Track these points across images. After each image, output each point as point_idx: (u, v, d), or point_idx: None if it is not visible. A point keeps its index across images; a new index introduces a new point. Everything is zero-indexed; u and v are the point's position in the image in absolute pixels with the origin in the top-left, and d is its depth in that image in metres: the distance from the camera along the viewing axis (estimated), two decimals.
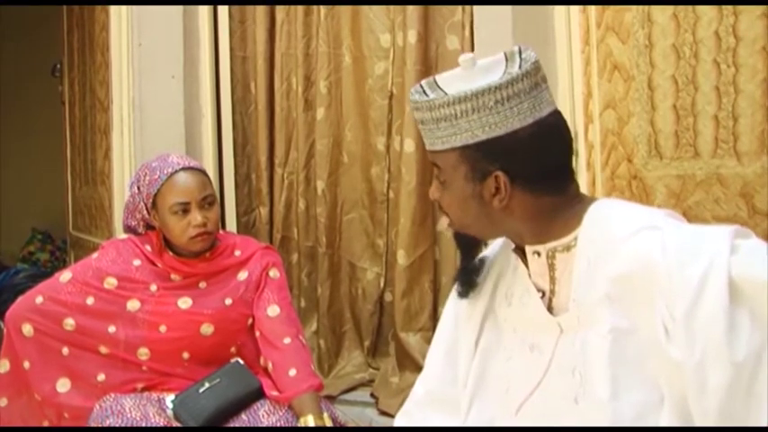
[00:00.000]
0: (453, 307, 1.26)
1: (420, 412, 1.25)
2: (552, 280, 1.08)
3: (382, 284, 2.62)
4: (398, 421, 1.28)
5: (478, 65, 1.06)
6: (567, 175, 1.08)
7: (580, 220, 1.04)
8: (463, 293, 1.17)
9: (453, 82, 1.06)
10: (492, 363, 1.14)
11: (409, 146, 2.49)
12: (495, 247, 1.20)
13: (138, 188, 1.79)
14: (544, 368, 1.05)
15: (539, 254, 1.09)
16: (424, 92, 1.07)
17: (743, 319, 0.85)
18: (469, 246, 1.16)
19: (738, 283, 0.86)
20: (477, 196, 1.05)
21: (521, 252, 1.12)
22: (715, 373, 0.84)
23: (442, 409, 1.22)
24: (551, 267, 1.08)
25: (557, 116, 1.06)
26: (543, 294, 1.10)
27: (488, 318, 1.17)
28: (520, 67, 1.03)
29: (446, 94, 1.03)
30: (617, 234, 0.99)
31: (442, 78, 1.08)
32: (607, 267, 0.97)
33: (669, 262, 0.90)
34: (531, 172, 1.04)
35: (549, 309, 1.08)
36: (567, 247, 1.06)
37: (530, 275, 1.11)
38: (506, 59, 1.05)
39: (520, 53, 1.05)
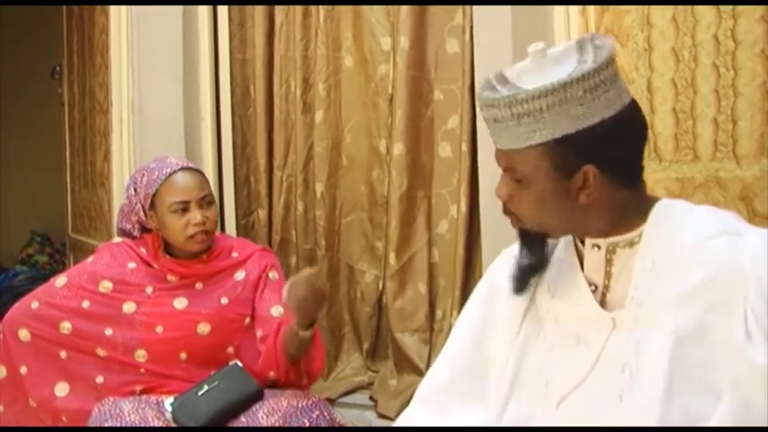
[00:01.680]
0: (485, 294, 1.23)
1: (438, 401, 1.20)
2: (607, 275, 1.06)
3: (381, 287, 2.62)
4: (414, 409, 1.23)
5: (549, 55, 1.02)
6: (642, 166, 1.06)
7: (645, 218, 1.03)
8: (519, 290, 1.12)
9: (525, 75, 1.02)
10: (530, 354, 1.12)
11: (398, 149, 2.49)
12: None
13: (135, 190, 1.80)
14: (591, 363, 1.03)
15: (598, 247, 1.07)
16: (495, 88, 1.02)
17: None
18: (535, 244, 1.11)
19: None
20: (561, 193, 1.02)
21: (577, 244, 1.10)
22: None
23: (461, 398, 1.18)
24: (609, 262, 1.06)
25: (635, 103, 1.04)
26: (595, 289, 1.08)
27: (530, 308, 1.14)
28: (595, 54, 0.99)
29: (521, 88, 0.99)
30: (691, 236, 0.98)
31: (511, 72, 1.03)
32: (680, 270, 0.96)
33: (760, 264, 0.90)
34: (618, 163, 1.02)
35: (602, 304, 1.06)
36: (630, 244, 1.04)
37: (582, 269, 1.10)
38: (578, 48, 1.02)
39: (592, 39, 1.02)
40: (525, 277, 1.12)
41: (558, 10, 1.96)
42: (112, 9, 2.61)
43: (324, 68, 2.64)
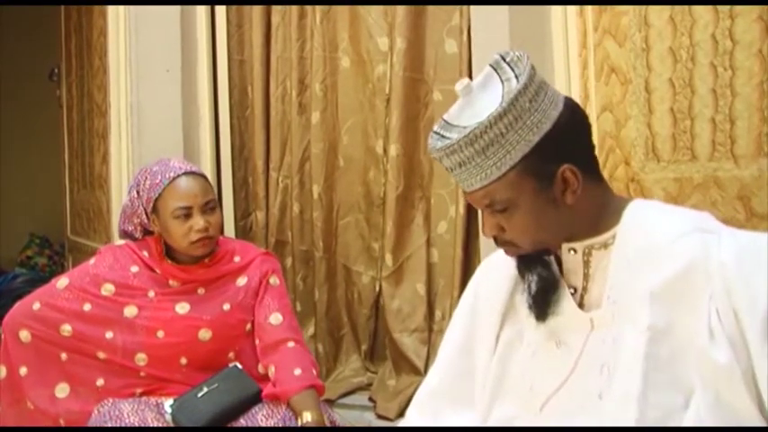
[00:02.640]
0: (470, 302, 1.25)
1: (433, 404, 1.23)
2: (585, 277, 1.08)
3: (378, 288, 2.62)
4: (410, 412, 1.26)
5: (474, 86, 1.05)
6: (596, 158, 1.10)
7: (618, 218, 1.05)
8: (543, 315, 1.10)
9: (463, 114, 1.04)
10: (513, 359, 1.13)
11: (395, 150, 2.49)
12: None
13: (138, 192, 1.79)
14: (572, 365, 1.05)
15: (575, 251, 1.09)
16: (445, 137, 1.04)
17: None
18: (538, 264, 1.11)
19: None
20: (550, 202, 1.04)
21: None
22: None
23: (454, 402, 1.20)
24: (586, 264, 1.08)
25: (569, 98, 1.07)
26: (575, 291, 1.09)
27: (509, 314, 1.15)
28: (514, 68, 1.03)
29: (470, 124, 1.01)
30: (663, 234, 0.99)
31: (450, 117, 1.06)
32: (652, 266, 0.97)
33: (727, 267, 0.91)
34: (584, 155, 1.05)
35: (580, 305, 1.08)
36: (605, 245, 1.06)
37: (561, 273, 1.11)
38: (495, 71, 1.05)
39: (503, 58, 1.05)
40: (546, 299, 1.10)
41: (556, 10, 1.96)
42: (110, 11, 2.62)
43: (320, 69, 2.64)
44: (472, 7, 2.28)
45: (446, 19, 2.45)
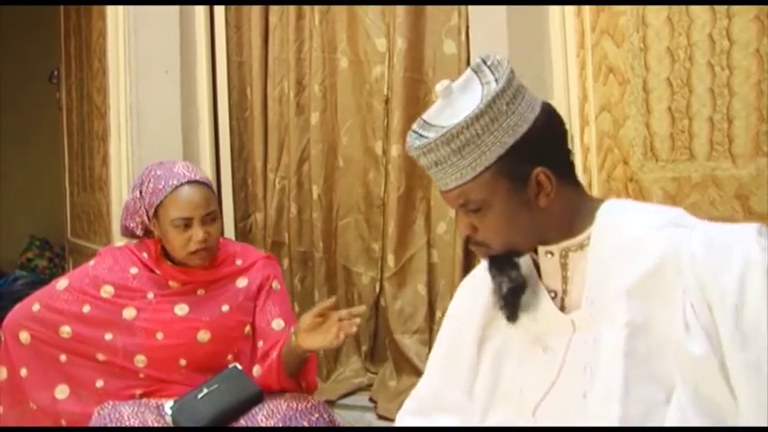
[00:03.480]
0: (454, 313, 1.27)
1: (424, 412, 1.24)
2: (564, 280, 1.09)
3: (378, 289, 2.62)
4: (404, 420, 1.27)
5: (455, 87, 1.07)
6: (573, 161, 1.11)
7: (593, 219, 1.06)
8: (513, 316, 1.12)
9: (442, 114, 1.06)
10: (504, 368, 1.14)
11: (396, 151, 2.49)
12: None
13: (141, 193, 1.78)
14: (557, 368, 1.06)
15: (552, 254, 1.10)
16: (423, 135, 1.06)
17: None
18: (508, 265, 1.12)
19: None
20: (523, 204, 1.05)
21: (532, 255, 1.13)
22: None
23: (444, 410, 1.21)
24: (564, 267, 1.09)
25: (547, 103, 1.09)
26: (555, 295, 1.10)
27: (492, 325, 1.17)
28: (494, 72, 1.05)
29: (448, 124, 1.03)
30: (636, 231, 1.00)
31: (429, 117, 1.08)
32: (626, 263, 0.98)
33: (699, 260, 0.92)
34: (558, 158, 1.07)
35: (562, 308, 1.09)
36: (581, 246, 1.07)
37: (540, 277, 1.12)
38: (476, 73, 1.07)
39: (484, 62, 1.07)
40: (515, 302, 1.12)
41: (554, 10, 1.96)
42: (109, 13, 2.62)
43: (319, 70, 2.65)
44: (470, 8, 2.29)
45: (444, 20, 2.45)
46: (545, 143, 1.05)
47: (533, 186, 1.04)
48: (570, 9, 1.90)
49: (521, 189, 1.04)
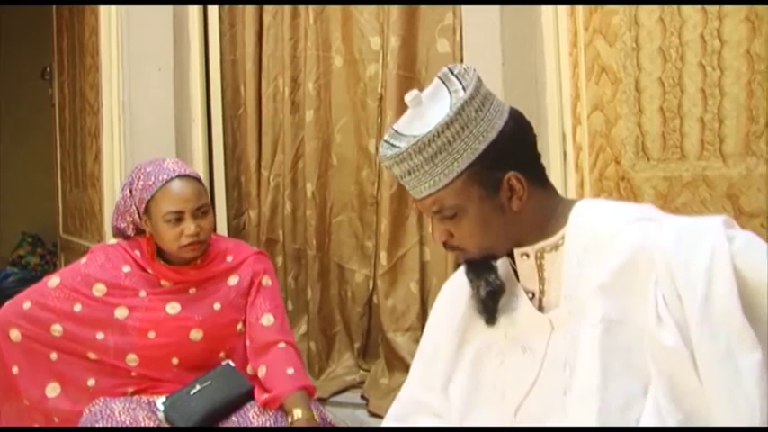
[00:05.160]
0: (435, 318, 1.28)
1: (407, 416, 1.26)
2: (541, 280, 1.11)
3: (371, 286, 2.63)
4: (387, 423, 1.28)
5: (423, 97, 1.09)
6: (542, 164, 1.13)
7: (566, 220, 1.07)
8: (492, 319, 1.14)
9: (413, 123, 1.08)
10: (484, 370, 1.16)
11: None
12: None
13: (131, 191, 1.78)
14: (538, 367, 1.07)
15: (527, 255, 1.11)
16: (394, 145, 1.08)
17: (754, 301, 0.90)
18: (485, 270, 1.13)
19: (742, 273, 0.90)
20: (497, 208, 1.07)
21: (508, 257, 1.14)
22: (744, 356, 0.88)
23: (427, 413, 1.23)
24: (540, 268, 1.11)
25: (514, 109, 1.11)
26: (533, 296, 1.12)
27: (472, 329, 1.18)
28: (462, 80, 1.07)
29: (420, 134, 1.04)
30: (607, 228, 1.02)
31: (400, 127, 1.10)
32: (600, 260, 1.00)
33: (668, 252, 0.94)
34: (528, 162, 1.09)
35: (540, 308, 1.11)
36: (555, 247, 1.08)
37: (518, 279, 1.13)
38: (443, 83, 1.09)
39: (451, 71, 1.09)
40: (494, 305, 1.14)
41: (547, 10, 1.97)
42: (102, 10, 2.61)
43: (314, 68, 2.65)
44: (464, 7, 2.29)
45: (438, 19, 2.46)
46: (515, 148, 1.07)
47: (506, 191, 1.06)
48: (563, 8, 1.91)
49: (493, 194, 1.06)
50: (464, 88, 1.05)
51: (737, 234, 0.94)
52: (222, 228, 2.71)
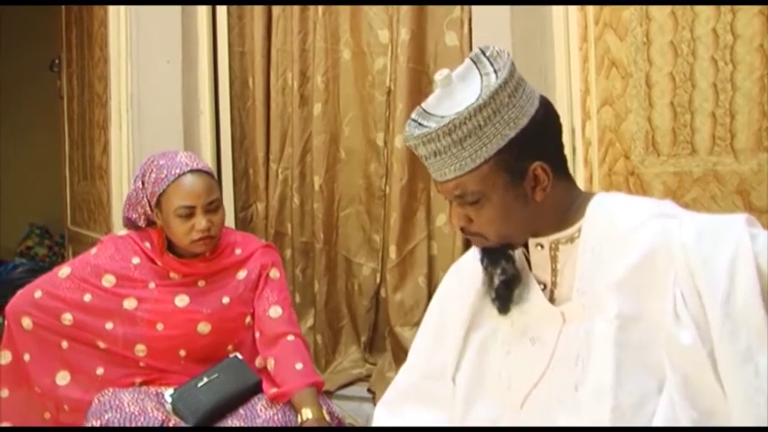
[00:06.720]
0: (440, 301, 1.27)
1: (398, 403, 1.25)
2: (554, 272, 1.10)
3: (378, 280, 2.62)
4: (378, 411, 1.28)
5: (454, 77, 1.06)
6: (565, 156, 1.11)
7: (583, 213, 1.06)
8: (507, 308, 1.13)
9: (441, 104, 1.05)
10: (489, 359, 1.14)
11: (400, 142, 2.49)
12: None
13: (143, 183, 1.78)
14: (547, 359, 1.06)
15: (542, 246, 1.10)
16: (423, 125, 1.05)
17: None
18: (502, 257, 1.12)
19: (764, 272, 0.89)
20: (520, 197, 1.05)
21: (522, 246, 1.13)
22: (765, 356, 0.87)
23: (420, 401, 1.22)
24: (554, 259, 1.10)
25: (544, 96, 1.09)
26: (544, 287, 1.11)
27: (480, 315, 1.17)
28: (493, 63, 1.04)
29: (448, 114, 1.02)
30: (626, 223, 1.01)
31: (429, 107, 1.07)
32: (617, 255, 0.99)
33: (689, 249, 0.93)
34: (554, 153, 1.07)
35: (551, 300, 1.10)
36: (571, 239, 1.07)
37: (530, 269, 1.12)
38: (475, 64, 1.06)
39: (483, 52, 1.06)
40: (508, 293, 1.12)
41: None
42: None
43: (322, 61, 2.64)
44: (474, 4, 2.28)
45: (447, 11, 2.45)
46: (544, 137, 1.05)
47: (530, 180, 1.04)
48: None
49: (518, 182, 1.04)
50: (495, 71, 1.03)
51: (760, 233, 0.93)
52: (230, 220, 2.72)
